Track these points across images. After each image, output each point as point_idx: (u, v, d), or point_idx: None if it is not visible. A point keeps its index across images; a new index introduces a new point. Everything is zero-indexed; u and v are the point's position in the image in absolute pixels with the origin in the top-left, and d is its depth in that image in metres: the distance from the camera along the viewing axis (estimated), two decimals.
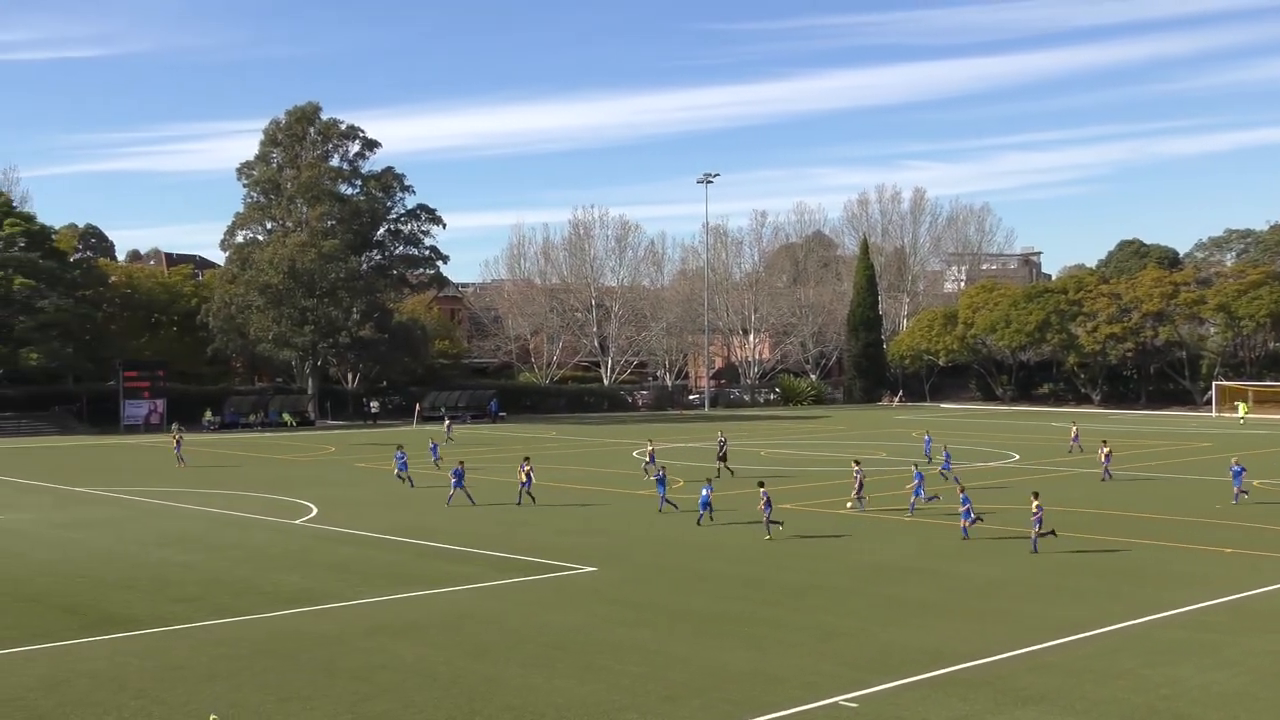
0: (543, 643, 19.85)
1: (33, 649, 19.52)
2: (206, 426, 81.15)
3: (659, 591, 24.43)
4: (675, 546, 30.15)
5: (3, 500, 41.09)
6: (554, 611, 22.40)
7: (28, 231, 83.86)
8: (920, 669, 18.05)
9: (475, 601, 23.43)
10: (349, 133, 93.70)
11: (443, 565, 27.53)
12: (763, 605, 22.91)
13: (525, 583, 25.51)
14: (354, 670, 18.07)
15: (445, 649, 19.41)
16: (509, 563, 27.76)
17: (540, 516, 35.89)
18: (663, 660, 18.68)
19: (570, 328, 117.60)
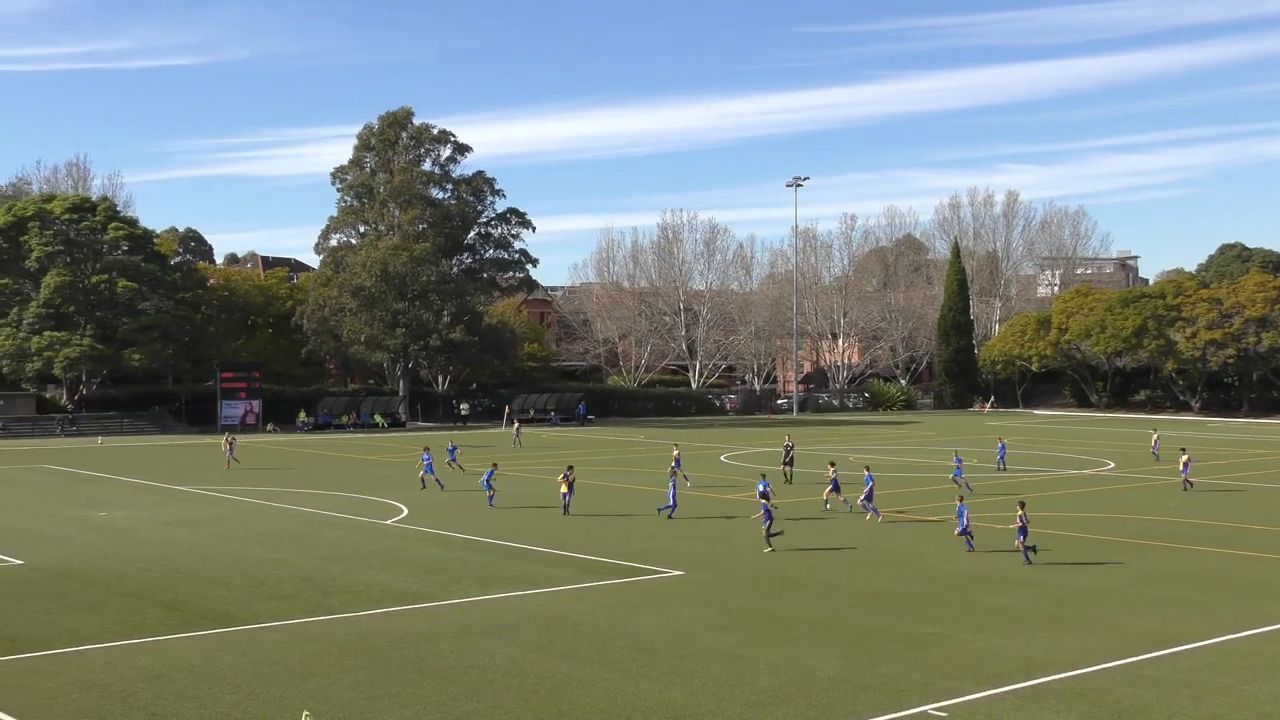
0: (630, 646, 19.88)
1: (135, 643, 19.98)
2: (301, 427, 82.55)
3: (746, 596, 24.34)
4: (760, 550, 30.01)
5: (107, 498, 42.17)
6: (641, 615, 22.43)
7: (131, 235, 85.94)
8: (1012, 679, 17.79)
9: (563, 604, 23.54)
10: (441, 137, 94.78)
11: (531, 567, 27.70)
12: (850, 611, 22.73)
13: (613, 585, 25.57)
14: (443, 670, 18.25)
15: (533, 650, 19.52)
16: (597, 565, 27.85)
17: (628, 520, 35.96)
18: (749, 665, 18.62)
19: (658, 331, 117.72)
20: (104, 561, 28.17)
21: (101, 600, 23.52)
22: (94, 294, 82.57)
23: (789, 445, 49.18)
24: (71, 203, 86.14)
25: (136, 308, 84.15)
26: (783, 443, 49.91)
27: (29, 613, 22.30)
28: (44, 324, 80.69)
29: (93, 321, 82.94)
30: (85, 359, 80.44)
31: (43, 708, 16.14)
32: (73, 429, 78.93)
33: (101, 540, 31.60)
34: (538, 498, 41.03)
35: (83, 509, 38.61)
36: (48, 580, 25.68)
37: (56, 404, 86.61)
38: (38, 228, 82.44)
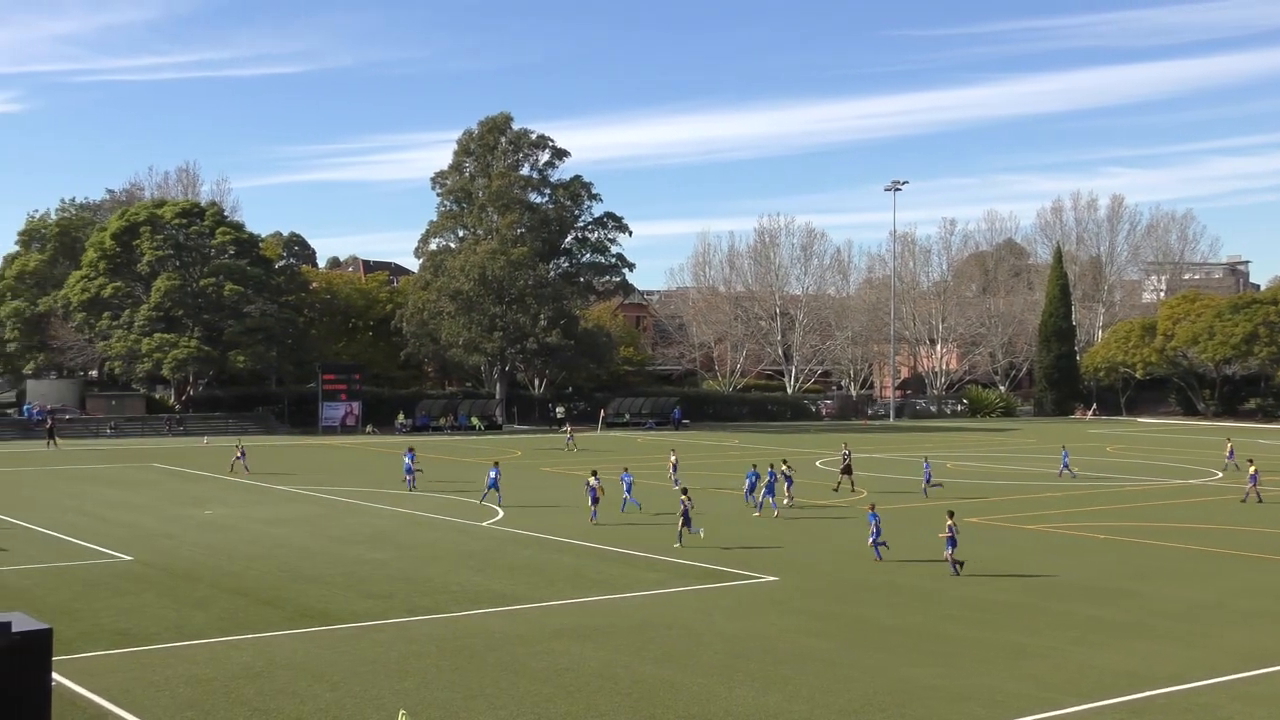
0: (724, 651, 19.83)
1: (238, 639, 20.39)
2: (399, 429, 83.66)
3: (841, 602, 24.15)
4: (858, 558, 29.77)
5: (213, 496, 43.14)
6: (735, 619, 22.36)
7: (237, 240, 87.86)
8: (1115, 692, 17.42)
9: (657, 607, 23.56)
10: (539, 142, 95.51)
11: (626, 570, 27.76)
12: (948, 620, 22.43)
13: (707, 590, 25.54)
14: (537, 672, 18.35)
15: (627, 654, 19.56)
16: (691, 570, 27.83)
17: (722, 525, 35.88)
18: (844, 672, 18.47)
19: (754, 336, 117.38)
20: (208, 559, 28.81)
21: (206, 597, 24.05)
22: (201, 297, 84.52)
23: (846, 454, 48.01)
24: (181, 208, 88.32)
25: (242, 310, 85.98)
26: (841, 449, 49.17)
27: (138, 607, 22.88)
28: (154, 326, 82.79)
29: (200, 324, 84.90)
30: (193, 360, 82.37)
31: (150, 700, 16.54)
32: (180, 429, 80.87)
33: (206, 538, 32.33)
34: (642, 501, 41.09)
35: (189, 507, 39.54)
36: (155, 576, 26.33)
37: (165, 404, 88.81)
38: (149, 232, 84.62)
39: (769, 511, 37.87)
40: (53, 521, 35.10)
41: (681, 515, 31.69)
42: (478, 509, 38.77)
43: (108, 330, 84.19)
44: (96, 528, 33.97)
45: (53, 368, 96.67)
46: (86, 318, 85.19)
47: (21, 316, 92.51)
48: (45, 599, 23.33)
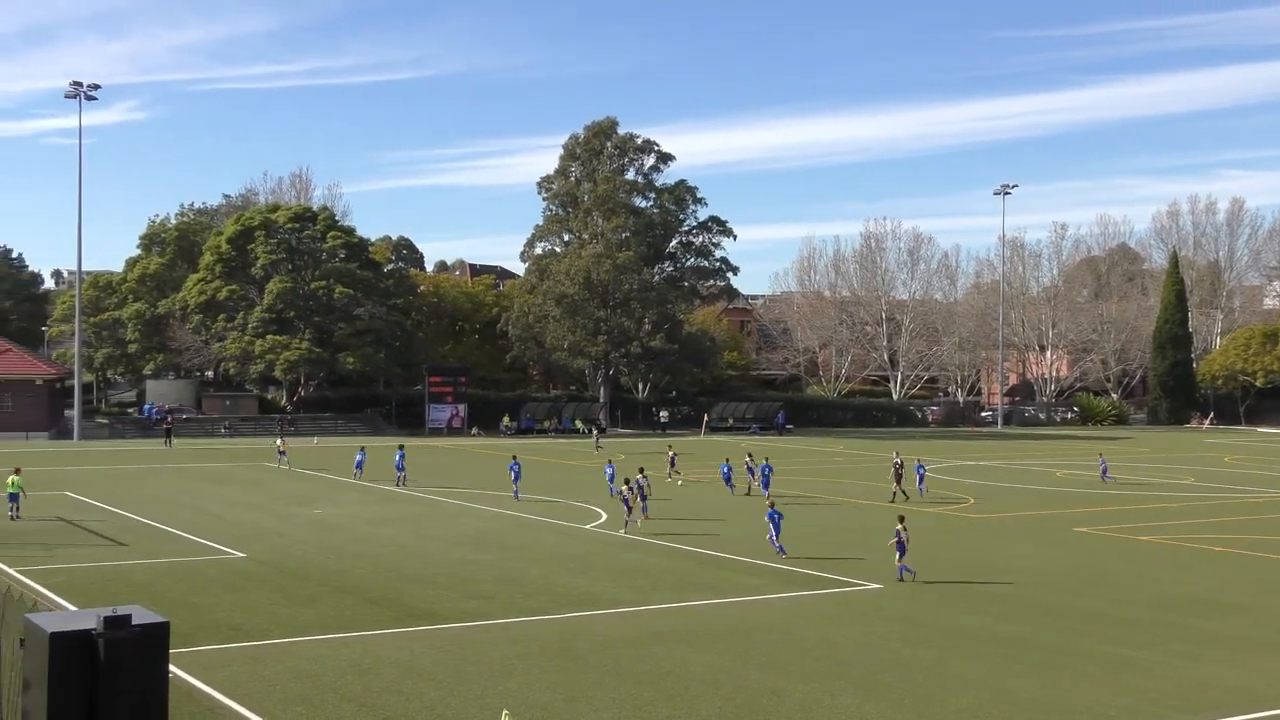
0: (827, 658, 19.72)
1: (345, 636, 20.77)
2: (504, 431, 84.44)
3: (945, 611, 23.85)
4: (963, 567, 29.39)
5: (321, 495, 43.97)
6: (838, 626, 22.22)
7: (348, 244, 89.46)
8: (1227, 710, 16.97)
9: (760, 613, 23.49)
10: (644, 146, 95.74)
11: (728, 575, 27.72)
12: (1053, 631, 22.03)
13: (810, 596, 25.40)
14: (640, 675, 18.41)
15: (729, 658, 19.53)
16: (793, 575, 27.70)
17: (825, 531, 35.66)
18: (947, 682, 18.24)
19: (859, 341, 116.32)
20: (318, 557, 29.37)
21: (315, 595, 24.53)
22: (313, 300, 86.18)
23: (897, 463, 45.88)
24: (294, 212, 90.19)
25: (352, 313, 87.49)
26: (897, 458, 46.86)
27: (250, 604, 23.42)
28: (267, 328, 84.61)
29: (311, 326, 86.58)
30: (304, 362, 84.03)
31: (261, 694, 16.93)
32: (291, 429, 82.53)
33: (315, 536, 32.97)
34: (733, 506, 41.04)
35: (299, 506, 40.36)
36: (267, 574, 26.93)
37: (277, 405, 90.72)
38: (263, 236, 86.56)
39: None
40: (171, 518, 36.07)
41: (640, 496, 35.28)
42: (580, 512, 38.99)
43: (223, 332, 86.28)
44: (212, 525, 34.84)
45: (171, 368, 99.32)
46: (203, 319, 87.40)
47: (142, 318, 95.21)
48: (164, 593, 23.99)
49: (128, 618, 8.04)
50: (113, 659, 7.95)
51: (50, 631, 7.92)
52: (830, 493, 44.61)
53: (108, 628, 7.94)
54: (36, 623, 8.16)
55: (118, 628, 7.96)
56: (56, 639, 7.90)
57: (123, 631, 7.97)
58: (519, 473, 43.73)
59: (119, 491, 43.44)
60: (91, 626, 7.97)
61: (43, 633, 7.97)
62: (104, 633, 7.94)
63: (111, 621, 7.96)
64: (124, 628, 7.98)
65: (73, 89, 74.93)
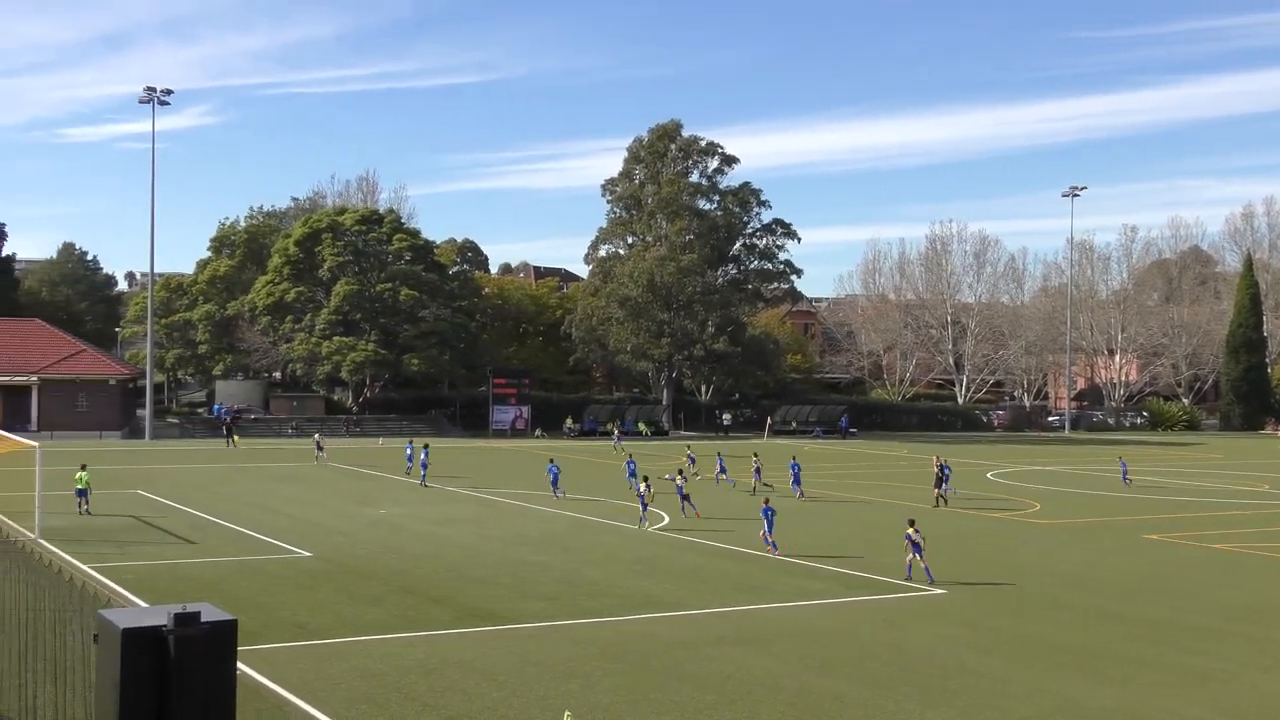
0: (890, 663, 19.58)
1: (410, 636, 20.94)
2: (567, 433, 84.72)
3: (1012, 618, 23.59)
4: (1032, 573, 29.06)
5: (386, 495, 44.37)
6: (902, 632, 22.05)
7: (413, 246, 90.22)
8: None
9: (822, 617, 23.38)
10: (708, 149, 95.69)
11: (790, 579, 27.61)
12: (1124, 640, 21.70)
13: (873, 601, 25.24)
14: (701, 678, 18.39)
15: (791, 662, 19.46)
16: (856, 580, 27.54)
17: (889, 536, 35.43)
18: (1014, 690, 18.04)
19: (924, 344, 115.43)
20: (382, 557, 29.64)
21: (379, 594, 24.75)
22: (379, 302, 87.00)
23: (943, 466, 45.11)
24: (360, 215, 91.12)
25: (417, 315, 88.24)
26: (935, 462, 45.99)
27: (316, 602, 23.68)
28: (334, 330, 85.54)
29: (377, 328, 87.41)
30: (369, 363, 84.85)
31: (327, 692, 17.11)
32: (357, 429, 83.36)
33: (380, 536, 33.27)
34: (799, 510, 40.88)
35: (364, 506, 40.75)
36: (332, 572, 27.21)
37: (343, 406, 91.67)
38: (330, 239, 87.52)
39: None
40: (239, 517, 36.56)
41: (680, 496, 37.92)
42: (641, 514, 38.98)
43: (290, 333, 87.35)
44: (279, 524, 35.27)
45: (240, 369, 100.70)
46: (271, 321, 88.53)
47: (212, 319, 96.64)
48: (232, 591, 24.32)
49: (197, 615, 8.16)
50: (182, 655, 8.07)
51: (122, 628, 8.06)
52: (892, 497, 44.28)
53: (178, 625, 8.07)
54: (109, 619, 8.30)
55: (187, 625, 8.09)
56: (128, 635, 8.04)
57: (192, 629, 8.09)
58: (557, 475, 44.25)
59: (189, 490, 44.11)
60: (162, 623, 8.10)
61: (115, 629, 8.11)
62: (174, 630, 8.06)
63: (181, 619, 8.09)
64: (193, 625, 8.11)
65: (147, 94, 76.24)
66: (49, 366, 76.38)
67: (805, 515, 39.51)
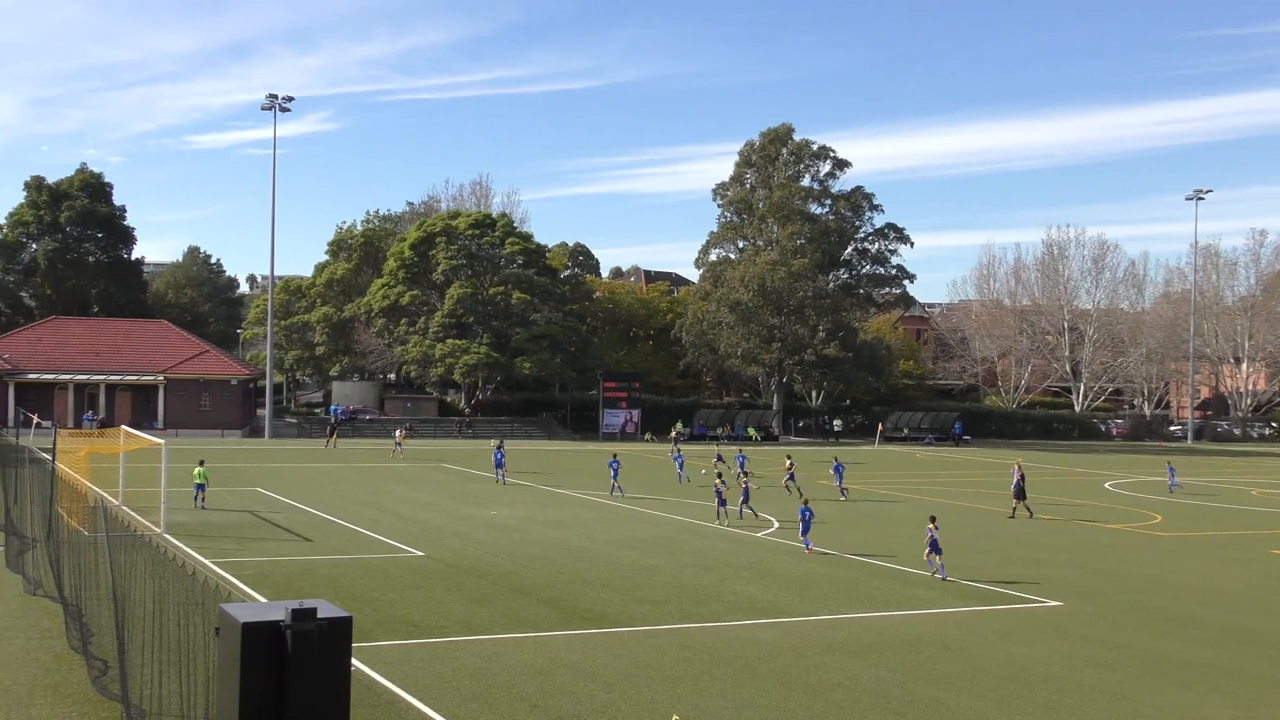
0: (1002, 675, 19.22)
1: (520, 636, 21.10)
2: (678, 437, 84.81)
3: (1133, 633, 23.00)
4: (1153, 586, 28.32)
5: (497, 497, 44.83)
6: (1015, 644, 21.63)
7: (525, 250, 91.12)
8: None
9: (932, 626, 23.05)
10: (820, 153, 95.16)
11: (901, 587, 27.28)
12: (1255, 659, 21.00)
13: (986, 611, 24.81)
14: (809, 685, 18.24)
15: (900, 672, 19.21)
16: (969, 590, 27.10)
17: (1004, 545, 34.83)
18: (1134, 708, 17.58)
19: (1040, 351, 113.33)
20: (493, 557, 29.93)
21: (490, 594, 24.98)
22: (491, 305, 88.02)
23: (1022, 474, 44.33)
24: (474, 219, 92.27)
25: (528, 318, 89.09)
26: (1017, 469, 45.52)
27: (428, 601, 23.99)
28: (447, 332, 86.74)
29: (489, 331, 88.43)
30: (482, 366, 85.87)
31: (437, 690, 17.32)
32: (469, 431, 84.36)
33: (491, 537, 33.60)
34: (905, 516, 40.41)
35: (475, 506, 41.21)
36: (444, 572, 27.55)
37: (455, 408, 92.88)
38: (444, 242, 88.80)
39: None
40: (354, 516, 37.23)
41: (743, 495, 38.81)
42: (751, 519, 38.87)
43: (405, 336, 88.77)
44: (393, 523, 35.84)
45: (356, 370, 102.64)
46: (386, 323, 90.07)
47: (329, 322, 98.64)
48: (347, 588, 24.76)
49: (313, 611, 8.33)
50: (299, 650, 8.24)
51: (243, 622, 8.25)
52: (1007, 506, 43.48)
53: (295, 620, 8.24)
54: (230, 613, 8.52)
55: (304, 620, 8.26)
56: (248, 629, 8.23)
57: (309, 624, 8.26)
58: (618, 470, 46.93)
59: (305, 489, 45.04)
60: (280, 618, 8.28)
61: (236, 622, 8.31)
62: (291, 625, 8.24)
63: (298, 614, 8.26)
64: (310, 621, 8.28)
65: (269, 102, 78.12)
66: (175, 367, 78.62)
67: (919, 523, 38.98)
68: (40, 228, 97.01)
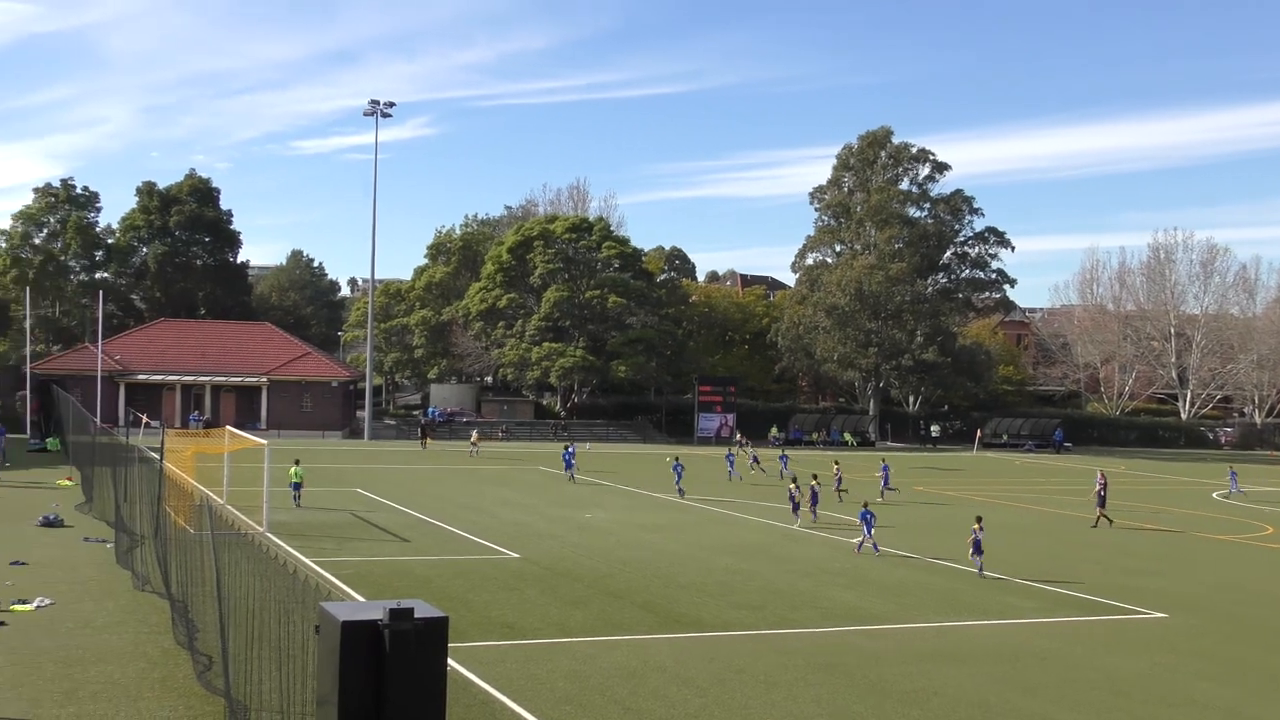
0: (1103, 687, 18.84)
1: (614, 639, 21.16)
2: (772, 442, 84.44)
3: (1245, 647, 22.39)
4: (1266, 599, 27.56)
5: (592, 500, 45.02)
6: (1117, 656, 21.19)
7: (622, 254, 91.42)
8: None
9: (1031, 636, 22.67)
10: (919, 156, 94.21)
11: (1000, 596, 26.88)
12: None
13: (1086, 622, 24.33)
14: (905, 694, 18.04)
15: (998, 682, 18.92)
16: (1069, 600, 26.61)
17: (1105, 554, 34.14)
18: None
19: (1145, 357, 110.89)
20: (588, 560, 30.05)
21: (585, 597, 25.09)
22: (587, 308, 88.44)
23: (1105, 483, 43.23)
24: (571, 223, 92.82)
25: (624, 322, 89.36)
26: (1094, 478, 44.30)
27: (523, 603, 24.16)
28: (543, 336, 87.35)
29: (585, 334, 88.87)
30: (577, 369, 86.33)
31: (532, 691, 17.43)
32: (564, 434, 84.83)
33: (586, 540, 33.75)
34: (1004, 523, 39.82)
35: (570, 509, 41.42)
36: (540, 574, 27.73)
37: (551, 410, 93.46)
38: (541, 246, 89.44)
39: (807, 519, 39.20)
40: (451, 517, 37.63)
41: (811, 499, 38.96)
42: (848, 526, 38.57)
43: (501, 339, 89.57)
44: (488, 525, 36.15)
45: (453, 373, 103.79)
46: (483, 326, 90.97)
47: (428, 325, 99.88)
48: (444, 589, 25.03)
49: (410, 611, 8.43)
50: (397, 649, 8.36)
51: (342, 620, 8.39)
52: (1114, 515, 42.58)
53: (392, 620, 8.35)
54: (330, 611, 8.66)
55: (402, 620, 8.37)
56: (347, 628, 8.36)
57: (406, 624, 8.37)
58: (681, 472, 48.11)
59: (402, 490, 45.61)
60: (378, 618, 8.40)
61: (335, 621, 8.45)
62: (389, 624, 8.35)
63: (396, 614, 8.37)
64: (407, 620, 8.39)
65: (371, 108, 79.34)
66: (278, 368, 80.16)
67: (1019, 531, 38.45)
68: (151, 232, 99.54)
